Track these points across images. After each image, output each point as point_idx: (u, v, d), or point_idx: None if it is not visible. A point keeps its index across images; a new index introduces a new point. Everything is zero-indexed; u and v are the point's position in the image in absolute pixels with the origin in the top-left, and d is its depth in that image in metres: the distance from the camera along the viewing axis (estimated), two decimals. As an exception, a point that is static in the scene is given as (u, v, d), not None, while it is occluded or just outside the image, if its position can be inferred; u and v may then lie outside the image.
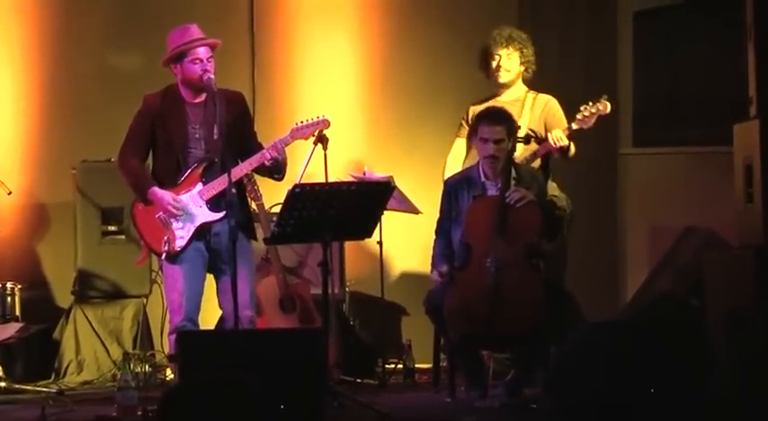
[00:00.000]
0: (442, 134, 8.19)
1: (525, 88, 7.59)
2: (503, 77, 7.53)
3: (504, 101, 7.46)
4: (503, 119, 6.86)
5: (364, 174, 7.75)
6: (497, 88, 7.58)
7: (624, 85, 8.80)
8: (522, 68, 7.54)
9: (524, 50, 7.53)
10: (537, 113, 7.48)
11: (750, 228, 6.55)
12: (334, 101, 8.54)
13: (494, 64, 7.51)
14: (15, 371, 8.04)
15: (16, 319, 8.17)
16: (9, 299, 8.16)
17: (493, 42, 7.50)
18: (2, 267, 8.43)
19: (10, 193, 8.17)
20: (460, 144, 7.64)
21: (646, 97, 8.62)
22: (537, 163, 7.39)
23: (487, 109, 7.09)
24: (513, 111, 7.28)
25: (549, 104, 7.54)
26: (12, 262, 8.61)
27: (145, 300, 8.36)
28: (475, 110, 7.51)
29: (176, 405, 5.11)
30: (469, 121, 7.50)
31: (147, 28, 8.23)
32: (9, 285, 8.18)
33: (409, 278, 8.43)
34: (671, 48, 8.67)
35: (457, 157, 7.67)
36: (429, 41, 8.86)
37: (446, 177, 7.47)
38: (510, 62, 7.51)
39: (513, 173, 6.82)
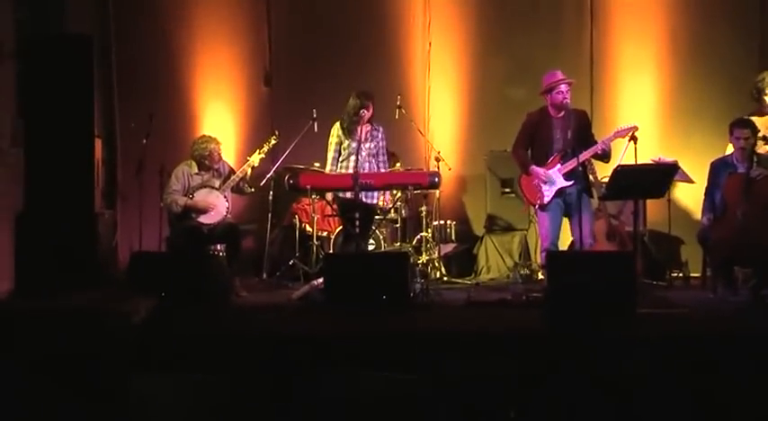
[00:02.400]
0: (706, 137, 7.95)
1: None
2: None
3: (765, 115, 7.16)
4: (748, 125, 6.73)
5: (660, 159, 7.44)
6: (763, 108, 7.22)
7: None
8: None
9: None
10: None
11: None
12: (640, 115, 8.09)
13: (766, 99, 7.18)
14: (452, 271, 8.13)
15: (452, 241, 8.28)
16: (448, 230, 8.23)
17: (765, 84, 7.15)
18: (444, 210, 8.32)
19: (450, 169, 8.13)
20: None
21: None
22: None
23: (739, 119, 6.88)
24: (766, 121, 7.06)
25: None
26: (450, 209, 8.60)
27: (526, 232, 8.31)
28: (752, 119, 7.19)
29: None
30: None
31: (531, 72, 7.88)
32: (448, 222, 8.23)
33: (687, 221, 8.02)
34: None
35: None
36: (697, 82, 8.43)
37: None
38: None
39: (755, 158, 6.63)
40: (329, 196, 7.41)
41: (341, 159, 7.18)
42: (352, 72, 8.46)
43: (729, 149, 7.16)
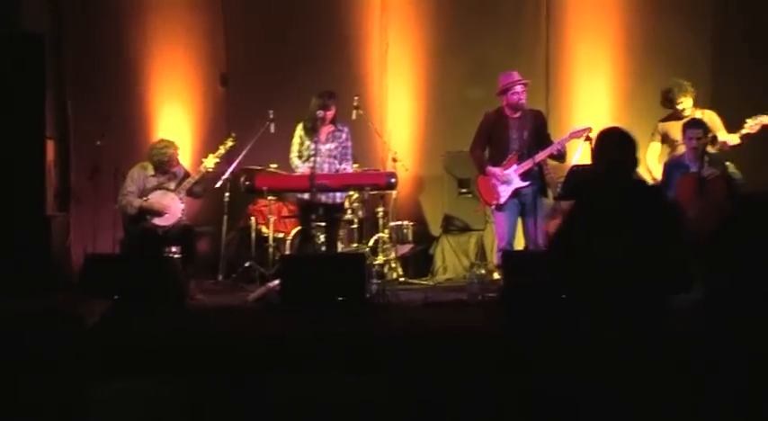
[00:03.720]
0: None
1: (693, 108, 7.25)
2: (687, 113, 7.19)
3: (682, 119, 7.17)
4: (700, 125, 6.79)
5: None
6: (678, 113, 7.26)
7: None
8: (692, 102, 7.25)
9: (693, 92, 7.22)
10: (705, 122, 7.03)
11: None
12: (595, 116, 8.09)
13: (679, 107, 7.21)
14: (409, 272, 8.05)
15: (409, 241, 8.20)
16: (405, 230, 8.17)
17: (675, 93, 7.19)
18: (401, 211, 8.31)
19: (407, 170, 8.18)
20: (655, 145, 7.43)
21: None
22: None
23: (693, 121, 6.93)
24: None
25: (712, 116, 7.18)
26: (407, 209, 8.52)
27: (483, 232, 8.28)
28: (662, 124, 7.39)
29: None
30: (659, 131, 7.39)
31: (486, 73, 7.95)
32: (405, 222, 8.20)
33: None
34: None
35: (653, 155, 7.43)
36: (652, 83, 8.03)
37: (649, 163, 7.39)
38: (688, 102, 7.20)
39: (706, 158, 6.68)
40: (292, 197, 7.41)
41: (303, 160, 7.14)
42: (309, 73, 8.40)
43: (655, 149, 7.33)
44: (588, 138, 6.83)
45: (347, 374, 3.97)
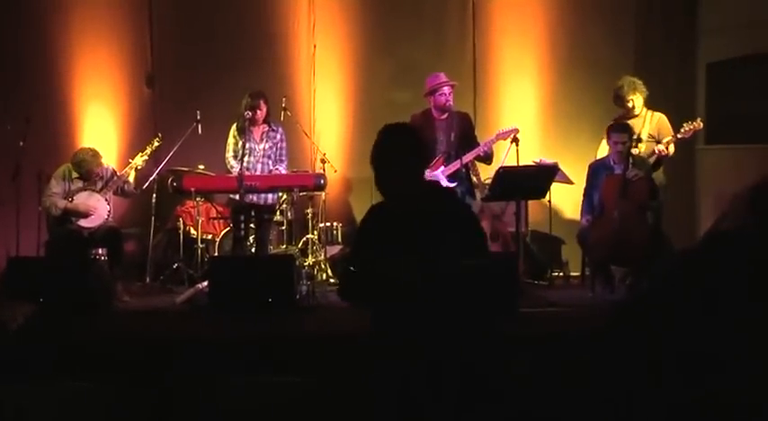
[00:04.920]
0: (586, 139, 7.98)
1: (644, 107, 7.29)
2: (636, 112, 7.20)
3: (632, 118, 7.26)
4: (626, 129, 6.86)
5: (540, 161, 7.55)
6: (628, 113, 7.28)
7: (700, 106, 8.35)
8: (643, 101, 7.30)
9: (644, 91, 7.23)
10: (654, 125, 7.18)
11: None
12: (522, 117, 8.23)
13: (629, 105, 7.19)
14: (338, 273, 7.52)
15: (338, 243, 8.11)
16: (334, 232, 8.13)
17: (625, 91, 7.18)
18: (330, 213, 8.20)
19: (336, 171, 8.07)
20: (604, 147, 7.29)
21: (714, 117, 8.09)
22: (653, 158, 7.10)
23: (617, 124, 7.02)
24: (638, 122, 7.15)
25: (661, 119, 7.22)
26: (336, 211, 8.46)
27: None
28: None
29: None
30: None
31: (413, 74, 8.04)
32: (335, 224, 8.15)
33: (567, 222, 8.16)
34: (735, 86, 8.23)
35: (603, 152, 7.35)
36: (577, 84, 8.54)
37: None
38: (639, 101, 7.21)
39: (631, 160, 6.77)
40: (222, 198, 7.34)
41: (239, 160, 7.11)
42: (236, 73, 8.39)
43: (602, 150, 7.30)
44: (515, 140, 6.90)
45: (276, 376, 3.94)
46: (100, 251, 6.99)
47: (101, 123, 8.63)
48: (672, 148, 7.10)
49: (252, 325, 5.72)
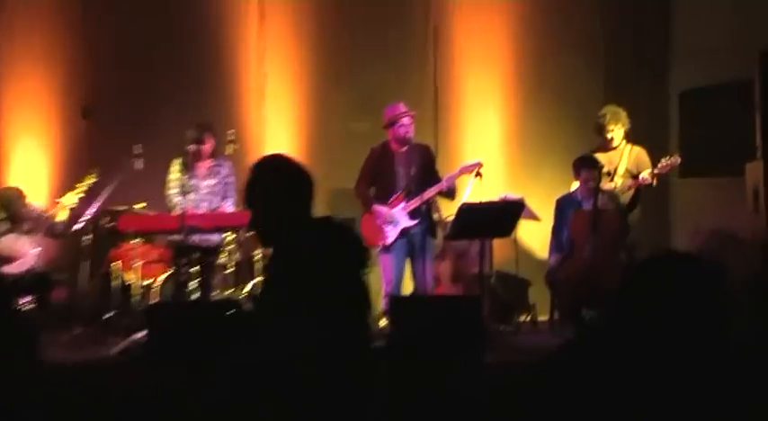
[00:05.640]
0: (556, 172, 8.02)
1: (624, 140, 7.34)
2: (615, 144, 7.26)
3: (611, 150, 7.32)
4: (594, 165, 6.86)
5: (506, 196, 7.54)
6: (607, 144, 7.33)
7: (674, 137, 8.43)
8: (624, 133, 7.32)
9: (626, 123, 7.28)
10: (632, 158, 7.25)
11: (755, 228, 6.39)
12: (486, 150, 8.28)
13: (608, 136, 7.23)
14: None
15: None
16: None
17: (606, 120, 7.22)
18: None
19: None
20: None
21: (689, 147, 8.15)
22: (630, 193, 7.23)
23: (584, 158, 7.02)
24: (616, 155, 7.23)
25: (640, 153, 7.29)
26: None
27: (367, 276, 8.12)
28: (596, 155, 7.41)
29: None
30: None
31: (373, 104, 7.92)
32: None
33: (534, 262, 8.16)
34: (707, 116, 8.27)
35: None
36: (546, 113, 8.59)
37: None
38: (619, 133, 7.26)
39: (600, 194, 6.81)
40: (163, 239, 7.22)
41: (182, 197, 7.00)
42: (179, 104, 8.21)
43: (575, 186, 7.30)
44: (479, 174, 6.89)
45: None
46: (26, 299, 6.77)
47: (31, 158, 8.45)
48: (650, 181, 7.12)
49: (191, 378, 5.50)
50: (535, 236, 8.18)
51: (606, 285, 6.57)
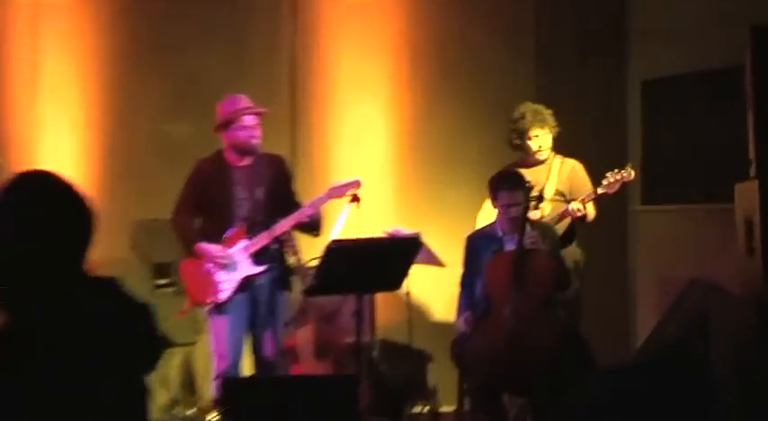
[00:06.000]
0: (466, 194, 8.18)
1: (552, 152, 7.57)
2: (543, 156, 7.51)
3: (535, 164, 7.52)
4: (521, 185, 6.88)
5: (395, 231, 7.55)
6: (529, 157, 7.55)
7: (634, 147, 8.73)
8: (552, 140, 7.52)
9: (554, 126, 7.49)
10: (564, 176, 7.49)
11: (752, 280, 6.42)
12: (366, 164, 8.49)
13: (533, 145, 7.45)
14: None
15: None
16: None
17: (527, 123, 7.44)
18: None
19: None
20: (489, 207, 7.45)
21: (653, 159, 8.51)
22: (565, 222, 7.43)
23: (505, 176, 7.09)
24: (542, 172, 7.45)
25: (575, 169, 7.54)
26: None
27: (192, 348, 8.19)
28: None
29: None
30: None
31: (198, 98, 8.17)
32: None
33: (435, 326, 8.27)
34: (676, 113, 8.63)
35: (486, 218, 7.56)
36: (451, 112, 8.77)
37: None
38: (546, 140, 7.47)
39: (529, 228, 6.80)
40: None
41: None
42: None
43: (484, 215, 7.55)
44: (356, 198, 6.96)
45: None
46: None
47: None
48: (591, 209, 7.31)
49: None
50: (437, 289, 8.22)
51: (536, 360, 6.61)
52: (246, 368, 7.16)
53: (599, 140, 8.59)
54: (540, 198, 7.11)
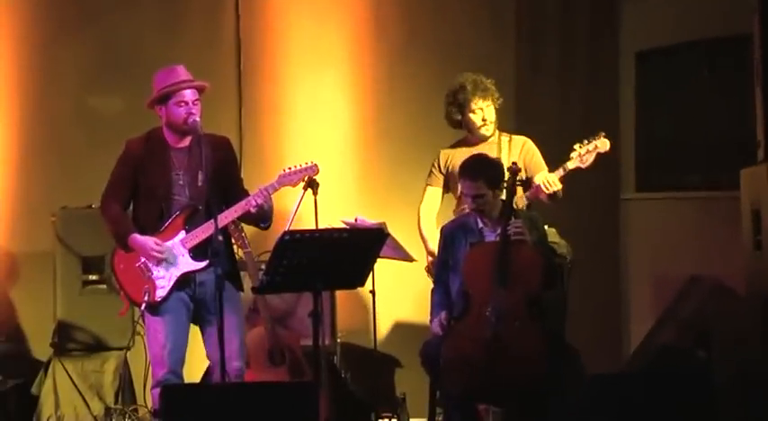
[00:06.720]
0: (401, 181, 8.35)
1: (497, 128, 7.52)
2: (488, 131, 7.45)
3: (478, 142, 7.48)
4: (481, 172, 6.76)
5: (356, 220, 7.58)
6: (473, 135, 7.50)
7: (627, 127, 8.75)
8: (495, 114, 7.49)
9: (497, 98, 7.46)
10: (515, 156, 7.41)
11: (759, 277, 6.52)
12: (324, 146, 8.50)
13: (476, 118, 7.40)
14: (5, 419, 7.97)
15: None
16: None
17: (467, 94, 7.39)
18: None
19: None
20: (433, 193, 7.65)
21: (649, 140, 8.55)
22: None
23: (467, 162, 6.96)
24: (490, 152, 7.35)
25: (526, 146, 7.51)
26: None
27: (128, 353, 8.16)
28: (447, 154, 7.63)
29: None
30: (441, 168, 7.62)
31: (129, 69, 8.26)
32: None
33: (403, 328, 8.31)
34: (674, 89, 8.57)
35: (430, 207, 7.67)
36: (420, 87, 8.72)
37: (422, 228, 7.62)
38: (490, 113, 7.42)
39: (513, 217, 6.71)
40: None
41: None
42: None
43: (435, 199, 7.62)
44: (311, 184, 6.97)
45: None
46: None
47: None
48: (557, 186, 7.20)
49: None
50: (406, 286, 8.27)
51: (517, 366, 6.51)
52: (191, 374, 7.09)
53: (587, 120, 8.47)
54: (528, 181, 7.11)
